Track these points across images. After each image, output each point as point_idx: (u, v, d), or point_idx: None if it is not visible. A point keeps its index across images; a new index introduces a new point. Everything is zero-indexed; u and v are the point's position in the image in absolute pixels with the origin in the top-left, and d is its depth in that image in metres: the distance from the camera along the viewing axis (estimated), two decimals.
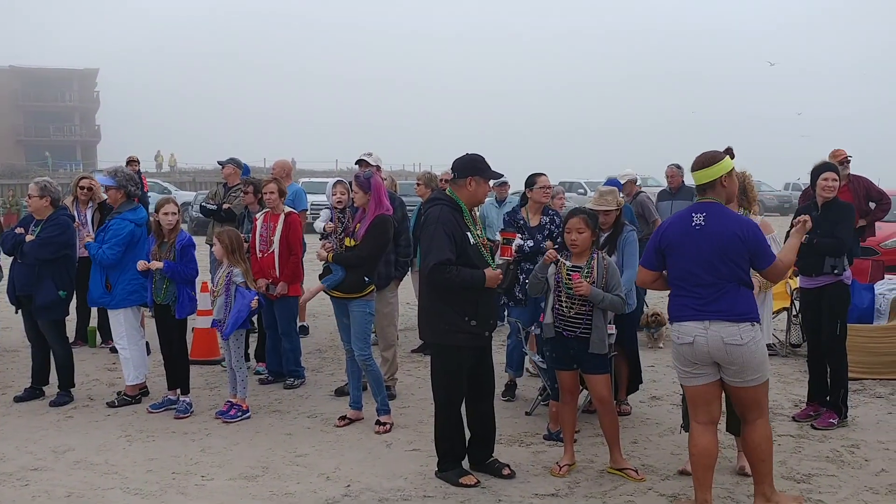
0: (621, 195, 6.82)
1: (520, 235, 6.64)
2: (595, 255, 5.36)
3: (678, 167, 10.82)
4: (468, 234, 5.19)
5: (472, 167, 5.26)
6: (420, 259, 5.32)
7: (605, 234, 6.31)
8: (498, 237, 6.20)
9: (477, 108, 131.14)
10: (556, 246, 6.44)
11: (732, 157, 4.63)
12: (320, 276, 6.39)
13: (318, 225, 6.39)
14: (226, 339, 6.65)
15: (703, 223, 4.46)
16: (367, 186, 6.14)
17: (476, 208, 5.82)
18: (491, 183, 5.79)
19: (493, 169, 5.37)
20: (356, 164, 7.94)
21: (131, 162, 13.45)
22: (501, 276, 5.26)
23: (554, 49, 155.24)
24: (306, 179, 29.89)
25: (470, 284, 5.07)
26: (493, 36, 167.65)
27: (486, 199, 6.31)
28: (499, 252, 5.64)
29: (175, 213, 6.82)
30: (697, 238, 4.46)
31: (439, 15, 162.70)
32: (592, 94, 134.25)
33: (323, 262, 6.29)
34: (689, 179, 5.41)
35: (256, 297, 6.64)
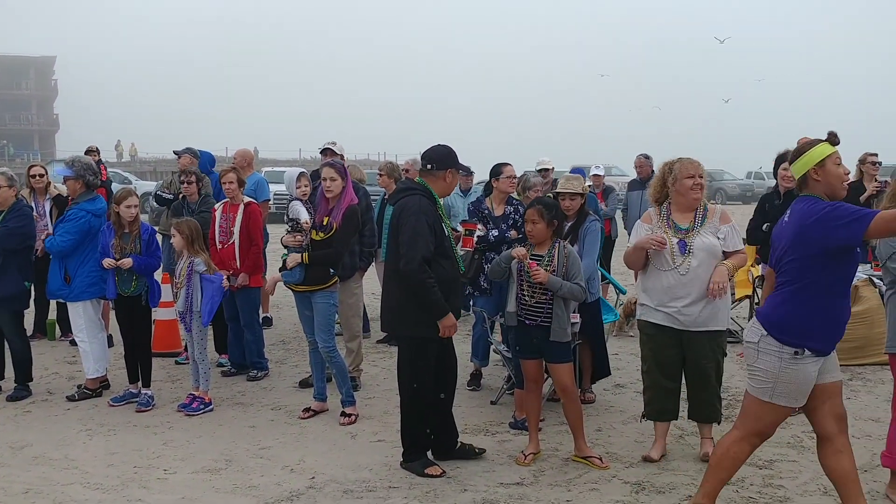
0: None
1: (480, 226, 6.66)
2: (556, 244, 5.37)
3: (646, 157, 10.96)
4: (443, 224, 5.20)
5: (450, 159, 5.29)
6: (386, 248, 5.28)
7: (569, 224, 6.34)
8: (460, 228, 6.20)
9: (444, 98, 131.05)
10: (520, 235, 6.46)
11: (834, 143, 4.05)
12: (280, 270, 6.30)
13: (304, 216, 6.23)
14: (206, 325, 6.61)
15: (786, 220, 4.16)
16: (344, 172, 6.13)
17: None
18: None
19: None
20: (321, 153, 7.89)
21: (91, 152, 13.18)
22: (456, 329, 5.17)
23: (518, 36, 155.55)
24: (269, 168, 29.63)
25: (431, 306, 5.01)
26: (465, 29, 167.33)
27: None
28: (460, 243, 5.64)
29: (137, 206, 6.72)
30: (780, 235, 4.18)
31: (406, 5, 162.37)
32: (555, 84, 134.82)
33: (283, 255, 6.22)
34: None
35: (225, 277, 6.56)
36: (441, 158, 5.27)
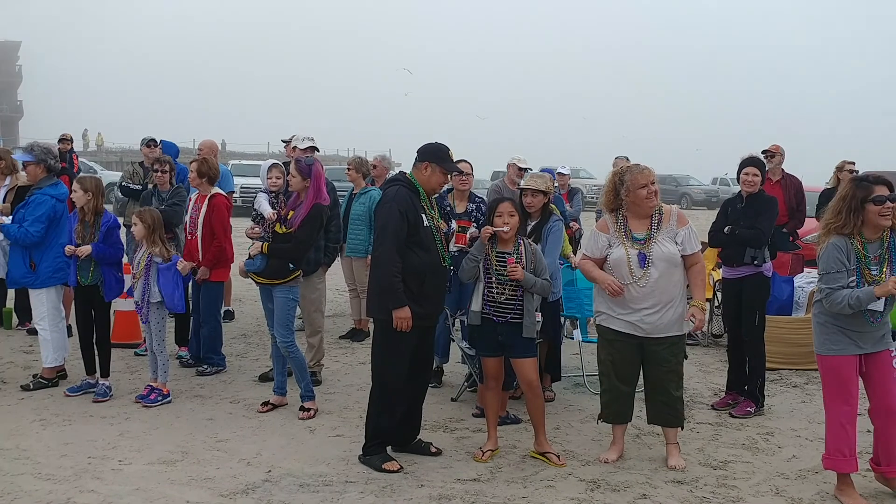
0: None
1: (474, 224, 6.69)
2: (521, 242, 5.39)
3: (626, 159, 11.06)
4: (423, 215, 5.20)
5: (431, 154, 5.31)
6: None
7: (533, 223, 6.36)
8: (454, 226, 6.23)
9: (417, 93, 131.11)
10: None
11: None
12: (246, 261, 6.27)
13: (267, 210, 6.21)
14: (182, 311, 6.63)
15: None
16: (306, 172, 6.04)
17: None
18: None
19: (453, 162, 5.45)
20: (306, 151, 7.73)
21: (64, 140, 12.94)
22: (409, 324, 5.12)
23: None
24: (236, 161, 29.45)
25: (388, 293, 5.05)
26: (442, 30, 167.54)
27: None
28: (453, 240, 5.70)
29: (81, 193, 6.49)
30: None
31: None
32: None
33: (249, 247, 6.19)
34: None
35: (180, 259, 6.51)
36: (423, 151, 5.33)
